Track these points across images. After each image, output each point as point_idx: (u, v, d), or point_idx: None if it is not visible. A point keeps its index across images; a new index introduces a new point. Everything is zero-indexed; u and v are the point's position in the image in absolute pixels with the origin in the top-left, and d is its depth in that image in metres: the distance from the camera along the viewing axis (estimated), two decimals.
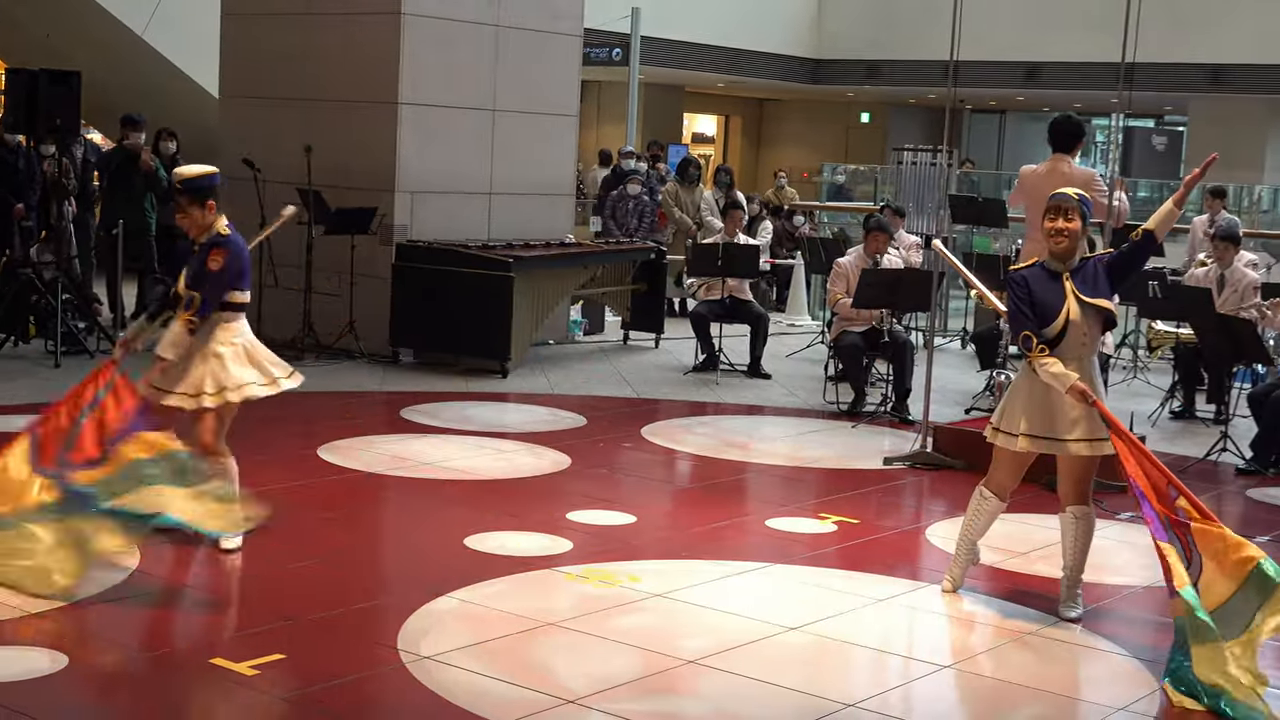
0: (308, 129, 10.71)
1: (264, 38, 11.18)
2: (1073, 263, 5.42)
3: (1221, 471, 8.31)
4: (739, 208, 11.77)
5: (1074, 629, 5.36)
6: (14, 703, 4.21)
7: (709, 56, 22.22)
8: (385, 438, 8.06)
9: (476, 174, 11.16)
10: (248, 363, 5.75)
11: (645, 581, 5.64)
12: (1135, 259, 5.50)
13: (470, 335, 10.25)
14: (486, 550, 5.97)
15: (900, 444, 8.50)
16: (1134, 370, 11.39)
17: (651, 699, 4.53)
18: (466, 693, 4.45)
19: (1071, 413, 5.30)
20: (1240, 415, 8.96)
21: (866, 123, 28.57)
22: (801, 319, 14.38)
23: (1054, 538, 5.73)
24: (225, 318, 5.75)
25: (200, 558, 5.77)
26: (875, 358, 9.79)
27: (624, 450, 8.16)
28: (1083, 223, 5.45)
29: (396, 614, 5.11)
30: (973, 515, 5.63)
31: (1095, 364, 5.48)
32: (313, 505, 6.57)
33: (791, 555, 6.17)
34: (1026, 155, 27.42)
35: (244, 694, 4.38)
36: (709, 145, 30.24)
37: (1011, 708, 4.66)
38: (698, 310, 10.98)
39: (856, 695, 4.64)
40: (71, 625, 4.92)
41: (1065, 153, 7.87)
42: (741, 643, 5.02)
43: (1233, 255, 9.84)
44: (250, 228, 10.67)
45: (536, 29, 11.38)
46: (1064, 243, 5.38)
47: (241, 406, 5.73)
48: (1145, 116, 26.06)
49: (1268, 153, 21.10)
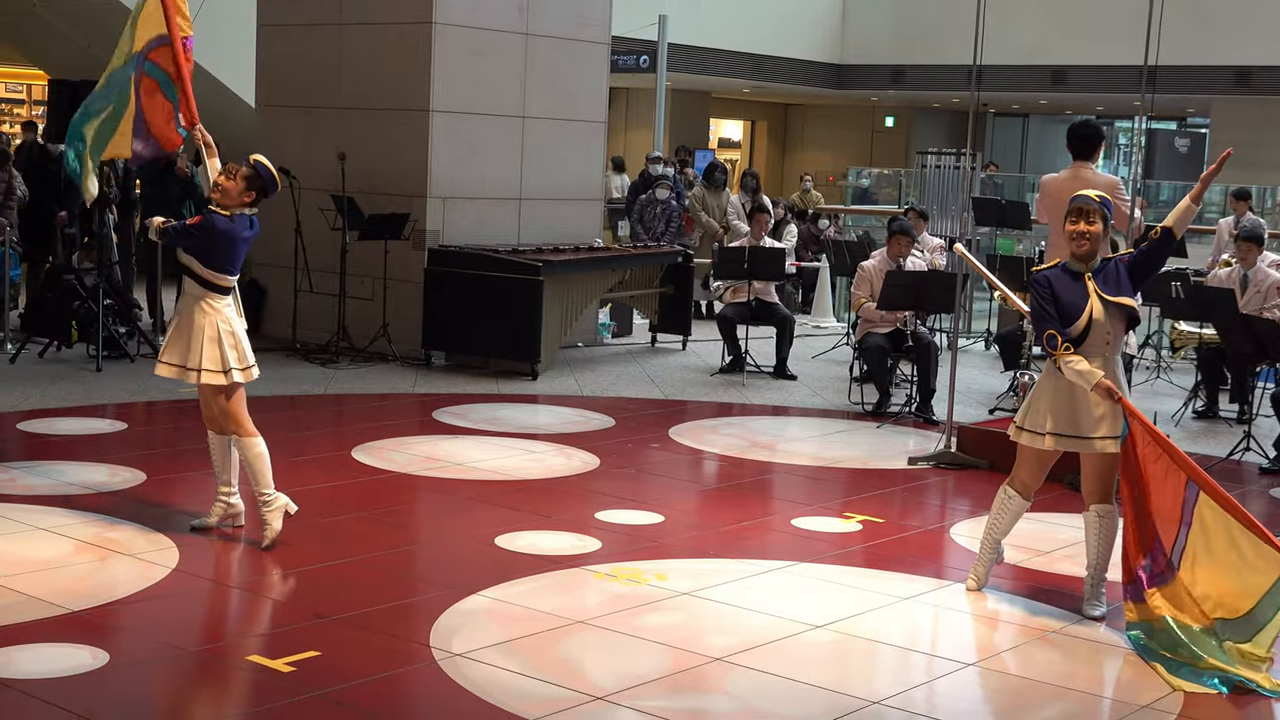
0: (342, 137, 10.77)
1: (299, 48, 11.25)
2: (1094, 264, 5.40)
3: (1245, 471, 8.26)
4: (765, 211, 11.77)
5: (1098, 627, 5.34)
6: (57, 698, 4.25)
7: (735, 63, 22.22)
8: (418, 439, 8.09)
9: (507, 180, 11.19)
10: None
11: (673, 580, 5.64)
12: (1155, 257, 5.47)
13: (501, 338, 10.28)
14: (517, 549, 5.99)
15: (925, 444, 8.48)
16: (1157, 370, 11.32)
17: (679, 696, 4.54)
18: (497, 689, 4.46)
19: (1096, 411, 5.28)
20: (1264, 415, 8.90)
21: (891, 127, 28.50)
22: (826, 321, 14.35)
23: (1077, 537, 5.71)
24: (210, 295, 5.85)
25: (237, 557, 5.82)
26: (900, 359, 9.77)
27: (652, 451, 8.16)
28: (1104, 225, 5.43)
29: (429, 612, 5.13)
30: (997, 514, 5.61)
31: (1119, 362, 5.46)
32: (347, 505, 6.60)
33: (817, 554, 6.17)
34: (1049, 158, 27.34)
35: (280, 690, 4.41)
36: (735, 150, 30.22)
37: (1035, 705, 4.65)
38: (724, 313, 10.98)
39: (881, 693, 4.63)
40: (112, 622, 4.97)
41: (1085, 159, 7.79)
42: (767, 640, 5.02)
43: (1256, 256, 9.78)
44: (285, 233, 10.80)
45: (565, 37, 11.41)
46: (1085, 245, 5.36)
47: (276, 408, 5.78)
48: (1168, 119, 25.91)
49: None
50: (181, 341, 5.86)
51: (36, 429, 7.89)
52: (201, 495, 6.34)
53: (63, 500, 6.39)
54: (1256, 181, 19.62)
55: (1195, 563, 5.04)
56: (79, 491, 6.57)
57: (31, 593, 5.12)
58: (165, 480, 6.83)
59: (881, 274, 9.54)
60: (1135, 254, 5.48)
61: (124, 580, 5.35)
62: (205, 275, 5.83)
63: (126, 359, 10.03)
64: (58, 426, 7.97)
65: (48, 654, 4.59)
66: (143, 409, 8.73)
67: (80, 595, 5.13)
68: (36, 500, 6.36)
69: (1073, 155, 7.86)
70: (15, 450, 7.52)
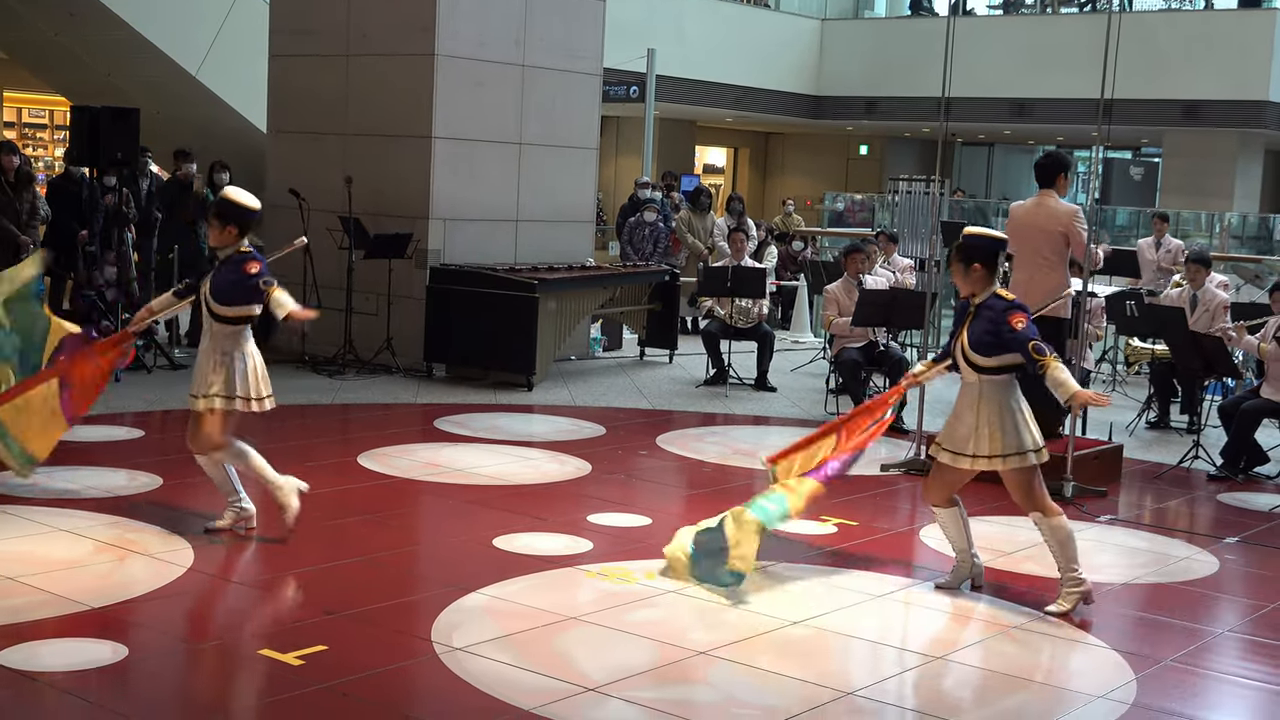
0: (348, 161, 10.78)
1: (308, 78, 11.26)
2: (979, 299, 5.49)
3: (1194, 478, 8.29)
4: (743, 232, 11.81)
5: (1059, 623, 5.36)
6: (79, 690, 4.25)
7: (719, 93, 22.26)
8: (420, 446, 8.09)
9: (504, 202, 11.20)
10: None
11: (660, 579, 5.65)
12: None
13: (498, 351, 10.28)
14: (513, 550, 5.99)
15: (896, 452, 8.50)
16: (1113, 383, 11.37)
17: (665, 687, 4.55)
18: (495, 681, 4.47)
19: (960, 429, 5.42)
20: (1212, 425, 8.95)
21: (865, 154, 28.57)
22: (804, 336, 14.39)
23: (1037, 538, 5.73)
24: (243, 329, 5.85)
25: (249, 556, 5.82)
26: (872, 372, 9.80)
27: (640, 458, 8.17)
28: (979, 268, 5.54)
29: (430, 609, 5.14)
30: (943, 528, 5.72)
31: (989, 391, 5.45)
32: (353, 508, 6.60)
33: (795, 555, 6.18)
34: (1013, 184, 27.44)
35: (290, 682, 4.41)
36: (719, 175, 30.24)
37: (999, 695, 4.67)
38: (709, 328, 11.00)
39: (855, 684, 4.64)
40: (131, 619, 4.96)
41: (1050, 187, 7.82)
42: (748, 635, 5.03)
43: (1204, 277, 9.83)
44: (295, 253, 10.79)
45: (559, 69, 11.43)
46: (967, 288, 5.51)
47: (286, 416, 5.79)
48: (1124, 148, 26.01)
49: (1237, 182, 21.05)
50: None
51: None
52: (215, 499, 6.33)
53: (83, 503, 6.39)
54: (1204, 208, 19.74)
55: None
56: (99, 495, 6.56)
57: (54, 591, 5.11)
58: (181, 485, 6.82)
59: (847, 293, 9.60)
60: (1009, 333, 5.33)
61: (142, 579, 5.35)
62: (251, 313, 5.84)
63: (144, 370, 10.02)
64: (79, 433, 7.93)
65: (70, 648, 4.58)
66: (160, 417, 8.72)
67: (100, 593, 5.13)
68: (59, 503, 6.35)
69: (1039, 185, 7.89)
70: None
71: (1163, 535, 6.93)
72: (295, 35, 11.37)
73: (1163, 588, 6.02)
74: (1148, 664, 4.95)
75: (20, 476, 5.86)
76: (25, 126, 21.64)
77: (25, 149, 19.86)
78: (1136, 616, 5.62)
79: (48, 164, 20.60)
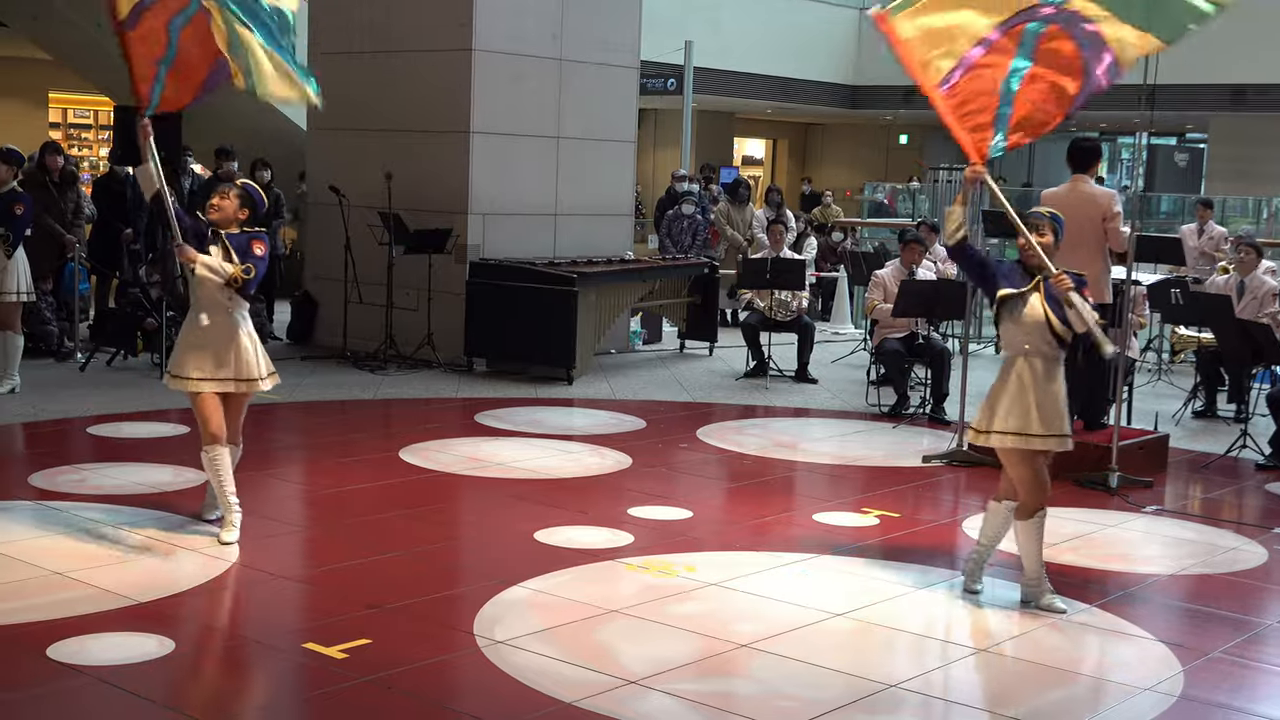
0: (388, 157, 10.82)
1: (347, 75, 11.31)
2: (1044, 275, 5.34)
3: (1242, 467, 8.20)
4: (782, 223, 11.77)
5: (1103, 614, 5.30)
6: (126, 683, 4.29)
7: (757, 85, 22.22)
8: (461, 440, 8.12)
9: (543, 197, 11.22)
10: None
11: (701, 571, 5.64)
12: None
13: (538, 345, 10.30)
14: (554, 543, 6.01)
15: (938, 443, 8.45)
16: (1159, 373, 11.25)
17: (707, 680, 4.54)
18: (537, 674, 4.48)
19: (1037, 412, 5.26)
20: (1260, 414, 8.83)
21: (904, 144, 28.43)
22: (845, 328, 14.32)
23: (1080, 530, 5.68)
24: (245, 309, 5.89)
25: (293, 550, 5.86)
26: (914, 363, 9.75)
27: (681, 450, 8.17)
28: (1055, 238, 5.39)
29: (472, 602, 5.15)
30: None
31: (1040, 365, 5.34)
32: (395, 503, 6.63)
33: (837, 547, 6.16)
34: (1055, 172, 27.16)
35: (335, 675, 4.43)
36: (758, 167, 30.19)
37: (1044, 688, 4.63)
38: (748, 320, 10.98)
39: (898, 676, 4.62)
40: (177, 613, 5.00)
41: (1083, 172, 7.75)
42: (791, 628, 5.02)
43: (1255, 263, 9.71)
44: (336, 249, 10.87)
45: (597, 62, 11.43)
46: (1034, 258, 5.32)
47: (328, 412, 5.81)
48: (1168, 135, 25.73)
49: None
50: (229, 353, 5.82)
51: (105, 433, 7.96)
52: (260, 493, 6.38)
53: (130, 499, 6.45)
54: (1252, 193, 19.50)
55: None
56: (145, 491, 6.62)
57: (102, 585, 5.17)
58: None
59: (895, 280, 9.53)
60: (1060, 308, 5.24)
61: (188, 573, 5.40)
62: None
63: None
64: (125, 430, 8.04)
65: (117, 642, 4.63)
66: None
67: (147, 588, 5.18)
68: (105, 499, 6.42)
69: (1071, 169, 7.82)
70: (85, 453, 7.59)
71: (1210, 526, 6.85)
72: (334, 31, 11.43)
73: (1210, 579, 5.95)
74: (1195, 656, 4.89)
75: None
76: (70, 127, 21.89)
77: (70, 149, 20.11)
78: (1183, 608, 5.56)
79: (93, 164, 20.82)
